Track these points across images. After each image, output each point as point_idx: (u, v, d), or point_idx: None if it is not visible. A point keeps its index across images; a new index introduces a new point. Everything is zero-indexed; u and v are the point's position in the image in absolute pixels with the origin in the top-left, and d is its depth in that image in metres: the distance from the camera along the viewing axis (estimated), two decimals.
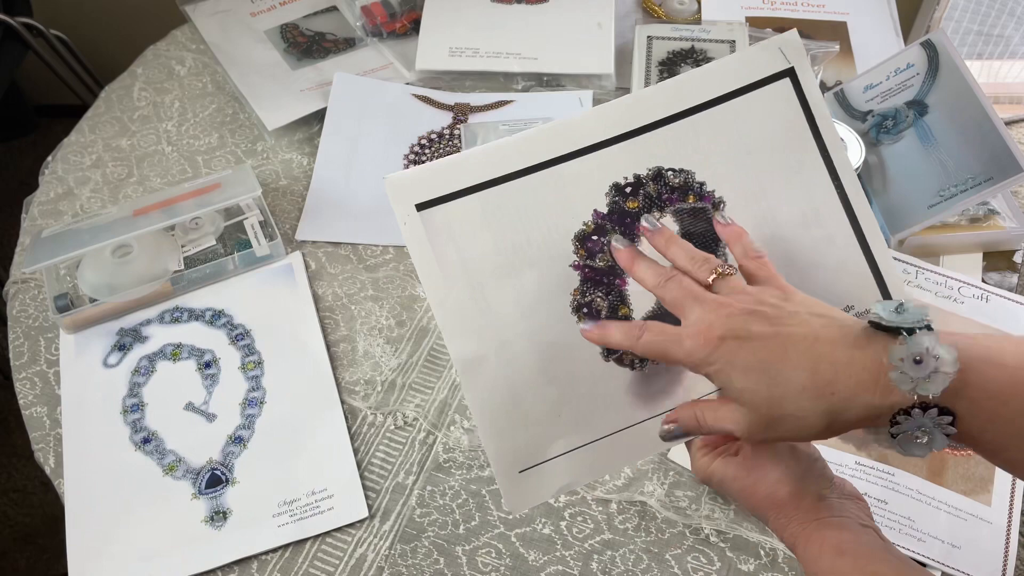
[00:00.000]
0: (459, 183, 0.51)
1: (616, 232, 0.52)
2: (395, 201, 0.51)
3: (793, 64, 0.53)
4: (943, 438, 0.40)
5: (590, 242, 0.52)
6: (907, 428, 0.40)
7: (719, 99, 0.52)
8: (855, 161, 0.80)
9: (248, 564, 0.65)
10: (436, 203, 0.51)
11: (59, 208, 0.88)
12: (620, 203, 0.52)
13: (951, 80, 0.79)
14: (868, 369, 0.40)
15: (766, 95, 0.52)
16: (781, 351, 0.42)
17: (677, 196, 0.52)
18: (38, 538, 1.40)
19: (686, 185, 0.53)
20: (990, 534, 0.64)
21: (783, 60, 0.53)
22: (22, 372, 0.76)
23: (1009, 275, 0.81)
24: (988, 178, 0.75)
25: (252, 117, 0.94)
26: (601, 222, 0.52)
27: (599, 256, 0.52)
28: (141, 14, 1.64)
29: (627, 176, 0.52)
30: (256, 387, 0.74)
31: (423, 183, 0.51)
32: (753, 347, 0.42)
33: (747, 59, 0.53)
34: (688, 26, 0.98)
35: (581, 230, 0.52)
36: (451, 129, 0.93)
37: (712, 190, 0.53)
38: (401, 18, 1.02)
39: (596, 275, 0.52)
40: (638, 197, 0.52)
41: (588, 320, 0.51)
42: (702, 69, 0.52)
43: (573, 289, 0.52)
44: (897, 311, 0.41)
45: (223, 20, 1.03)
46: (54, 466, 0.70)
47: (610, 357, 0.52)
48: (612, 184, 0.52)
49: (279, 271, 0.81)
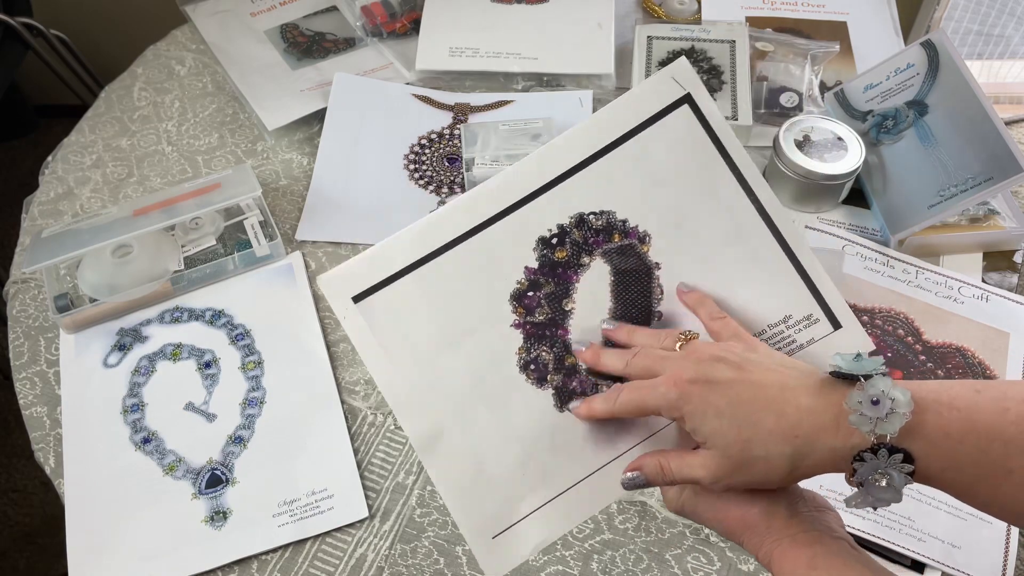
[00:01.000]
0: (391, 268, 0.53)
1: (550, 284, 0.54)
2: (332, 298, 0.53)
3: (689, 90, 0.54)
4: (903, 477, 0.42)
5: (526, 299, 0.53)
6: (866, 472, 0.42)
7: (625, 136, 0.54)
8: (855, 161, 0.80)
9: (248, 564, 0.65)
10: (372, 291, 0.53)
11: (59, 208, 0.88)
12: (549, 255, 0.54)
13: (951, 80, 0.79)
14: (830, 413, 0.43)
15: (669, 124, 0.54)
16: (750, 395, 0.44)
17: (602, 237, 0.54)
18: (38, 538, 1.40)
19: (609, 225, 0.54)
20: (990, 534, 0.64)
21: (678, 88, 0.54)
22: (22, 372, 0.76)
23: (1009, 275, 0.81)
24: (988, 178, 0.75)
25: (252, 117, 0.94)
26: (534, 277, 0.54)
27: (537, 311, 0.53)
28: (141, 14, 1.64)
29: (551, 228, 0.54)
30: (256, 387, 0.74)
31: (356, 276, 0.53)
32: (722, 390, 0.45)
33: (644, 93, 0.54)
34: (688, 26, 0.98)
35: (516, 289, 0.54)
36: (451, 129, 0.93)
37: (635, 225, 0.54)
38: (401, 18, 1.02)
39: (538, 330, 0.54)
40: (565, 246, 0.54)
41: (573, 400, 0.53)
42: (604, 110, 0.54)
43: (518, 348, 0.53)
44: (855, 360, 0.44)
45: (223, 20, 1.03)
46: (54, 466, 0.70)
47: (564, 407, 0.53)
48: (538, 238, 0.54)
49: (279, 271, 0.81)
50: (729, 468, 0.45)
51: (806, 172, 0.80)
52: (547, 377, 0.53)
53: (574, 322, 0.54)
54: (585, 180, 0.54)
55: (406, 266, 0.53)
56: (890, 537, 0.64)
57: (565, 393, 0.53)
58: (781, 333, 0.53)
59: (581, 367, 0.53)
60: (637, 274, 0.54)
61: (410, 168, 0.90)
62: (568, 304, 0.54)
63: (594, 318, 0.54)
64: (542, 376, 0.53)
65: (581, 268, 0.54)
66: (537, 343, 0.53)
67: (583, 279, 0.54)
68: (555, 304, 0.54)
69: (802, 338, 0.53)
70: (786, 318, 0.53)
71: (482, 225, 0.54)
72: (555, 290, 0.54)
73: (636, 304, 0.54)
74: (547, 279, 0.54)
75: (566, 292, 0.54)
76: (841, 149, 0.81)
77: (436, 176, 0.89)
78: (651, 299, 0.54)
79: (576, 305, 0.54)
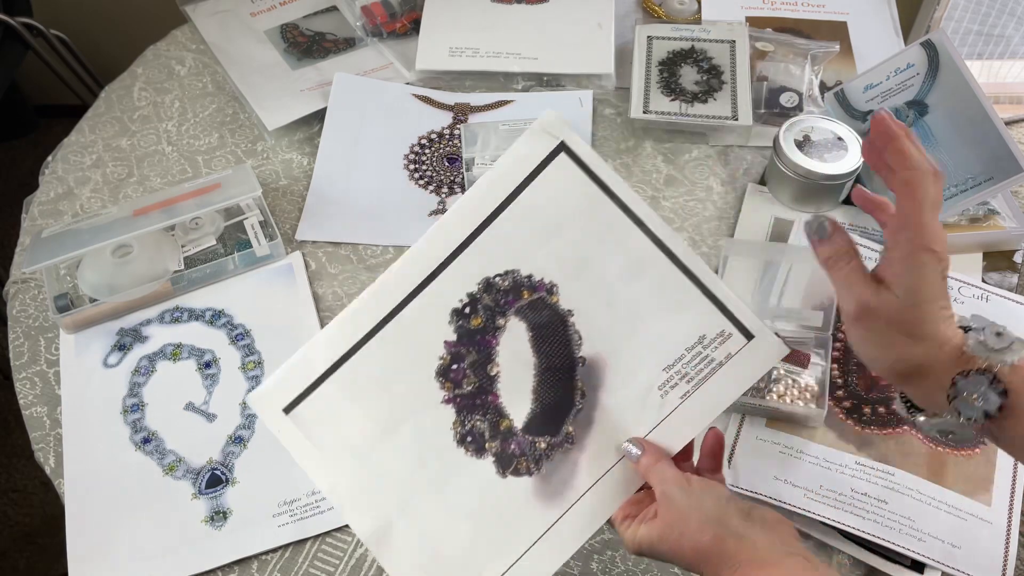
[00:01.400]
0: (314, 373, 0.55)
1: (472, 353, 0.55)
2: (263, 414, 0.55)
3: (562, 138, 0.55)
4: (995, 399, 0.44)
5: (452, 372, 0.55)
6: (968, 386, 0.44)
7: (512, 196, 0.55)
8: (855, 161, 0.80)
9: (248, 564, 0.65)
10: (300, 400, 0.55)
11: (59, 208, 0.88)
12: (465, 325, 0.55)
13: (951, 80, 0.79)
14: (951, 345, 0.46)
15: (550, 175, 0.55)
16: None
17: (512, 297, 0.55)
18: (38, 538, 1.40)
19: (516, 284, 0.55)
20: (990, 534, 0.64)
21: (551, 139, 0.55)
22: (22, 372, 0.76)
23: (1009, 275, 0.81)
24: (988, 178, 0.75)
25: (252, 117, 0.94)
26: (455, 350, 0.55)
27: (464, 382, 0.55)
28: (141, 14, 1.64)
29: (462, 298, 0.55)
30: (256, 387, 0.74)
31: (282, 388, 0.55)
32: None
33: (521, 152, 0.55)
34: (688, 26, 0.98)
35: (440, 365, 0.55)
36: (451, 129, 0.93)
37: (540, 278, 0.55)
38: (401, 18, 1.02)
39: (468, 401, 0.55)
40: (479, 312, 0.55)
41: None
42: (486, 176, 0.56)
43: (452, 423, 0.54)
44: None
45: (223, 20, 1.03)
46: (54, 466, 0.70)
47: (507, 472, 0.54)
48: (451, 311, 0.55)
49: (279, 271, 0.81)
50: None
51: (806, 172, 0.80)
52: (485, 446, 0.54)
53: (501, 385, 0.55)
54: (484, 245, 0.55)
55: (328, 368, 0.55)
56: (890, 537, 0.64)
57: (505, 458, 0.54)
58: (699, 354, 0.54)
59: (516, 428, 0.54)
60: (552, 325, 0.55)
61: (410, 168, 0.90)
62: (493, 369, 0.55)
63: (519, 377, 0.55)
64: (480, 447, 0.54)
65: (498, 331, 0.55)
66: (470, 414, 0.54)
67: (502, 341, 0.55)
68: (480, 371, 0.55)
69: (719, 355, 0.54)
70: (701, 338, 0.54)
71: (394, 311, 0.55)
72: (478, 358, 0.55)
73: (558, 354, 0.55)
74: (468, 349, 0.55)
75: (488, 357, 0.55)
76: (841, 149, 0.81)
77: (436, 176, 0.89)
78: (571, 346, 0.55)
79: (500, 368, 0.55)
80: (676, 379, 0.54)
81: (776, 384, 0.68)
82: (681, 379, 0.54)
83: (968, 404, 0.45)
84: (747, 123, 0.89)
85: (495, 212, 0.55)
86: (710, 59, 0.94)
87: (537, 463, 0.54)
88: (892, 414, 0.70)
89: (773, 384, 0.68)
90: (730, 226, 0.85)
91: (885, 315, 0.46)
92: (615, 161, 0.91)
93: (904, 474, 0.67)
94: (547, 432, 0.54)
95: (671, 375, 0.54)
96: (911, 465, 0.67)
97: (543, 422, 0.55)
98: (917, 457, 0.68)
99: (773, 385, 0.68)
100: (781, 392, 0.68)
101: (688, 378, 0.54)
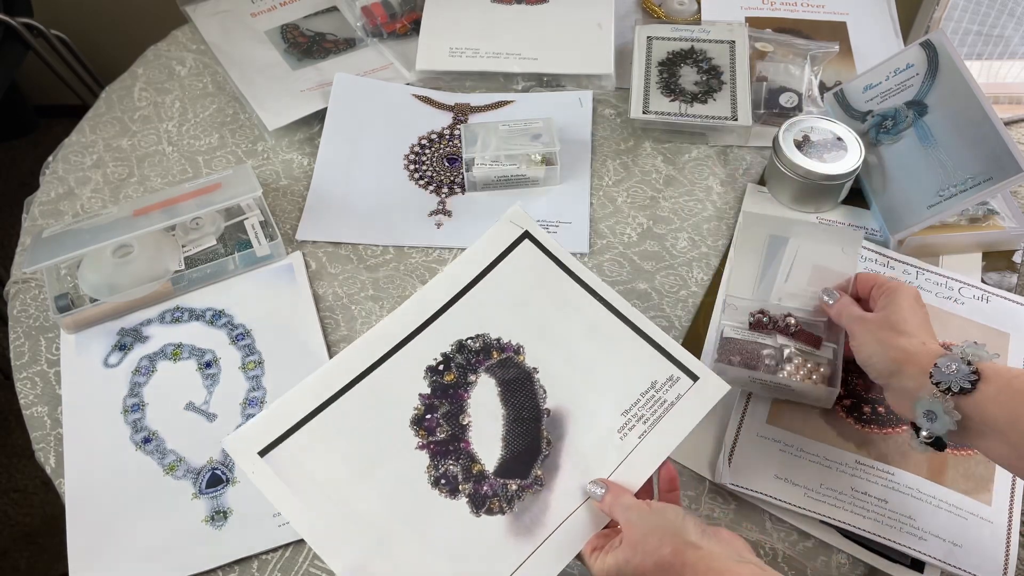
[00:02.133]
0: (292, 419, 0.59)
1: (445, 404, 0.61)
2: (238, 457, 0.58)
3: (526, 228, 0.66)
4: (968, 372, 0.55)
5: (426, 421, 0.60)
6: (943, 364, 0.56)
7: (483, 272, 0.65)
8: (855, 161, 0.80)
9: (248, 564, 0.65)
10: (276, 444, 0.58)
11: (60, 208, 0.88)
12: (439, 380, 0.62)
13: (951, 80, 0.79)
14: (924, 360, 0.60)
15: (517, 257, 0.66)
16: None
17: (483, 356, 0.63)
18: (38, 538, 1.40)
19: (487, 346, 0.63)
20: (991, 533, 0.64)
21: (517, 228, 0.66)
22: (23, 372, 0.76)
23: (1009, 275, 0.81)
24: (988, 178, 0.75)
25: (252, 117, 0.94)
26: (429, 401, 0.61)
27: (438, 430, 0.60)
28: (141, 14, 1.64)
29: (436, 357, 0.62)
30: (256, 387, 0.74)
31: (259, 432, 0.58)
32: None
33: (492, 238, 0.66)
34: (688, 26, 0.98)
35: (415, 414, 0.60)
36: (451, 129, 0.93)
37: (508, 340, 0.63)
38: (401, 18, 1.02)
39: (442, 447, 0.59)
40: (452, 370, 0.62)
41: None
42: (462, 256, 0.66)
43: (426, 467, 0.59)
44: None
45: (223, 20, 1.03)
46: (55, 466, 0.70)
47: (480, 511, 0.58)
48: (426, 367, 0.62)
49: (279, 271, 0.81)
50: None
51: (806, 172, 0.80)
52: (459, 488, 0.58)
53: (473, 433, 0.60)
54: (458, 313, 0.64)
55: (307, 414, 0.59)
56: (890, 535, 0.64)
57: (479, 498, 0.58)
58: (652, 397, 0.61)
59: (488, 472, 0.59)
60: (519, 381, 0.62)
61: (410, 168, 0.90)
62: (464, 419, 0.61)
63: (489, 426, 0.60)
64: (454, 488, 0.58)
65: (469, 385, 0.62)
66: (443, 459, 0.59)
67: (473, 394, 0.61)
68: (453, 421, 0.60)
69: (670, 396, 0.61)
70: (653, 383, 0.61)
71: (372, 367, 0.61)
72: (450, 409, 0.61)
73: (525, 406, 0.61)
74: (441, 401, 0.61)
75: (460, 409, 0.61)
76: (841, 149, 0.81)
77: (436, 176, 0.89)
78: (537, 399, 0.62)
79: (472, 418, 0.61)
80: (633, 421, 0.60)
81: (788, 363, 0.68)
82: (638, 421, 0.60)
83: (946, 375, 0.56)
84: (747, 123, 0.89)
85: (468, 285, 0.65)
86: (710, 59, 0.94)
87: (509, 503, 0.58)
88: (892, 413, 0.70)
89: (786, 363, 0.68)
90: (729, 226, 0.85)
91: (875, 321, 0.63)
92: (615, 161, 0.91)
93: (904, 473, 0.67)
94: (517, 475, 0.59)
95: (628, 418, 0.60)
96: (911, 464, 0.67)
97: (513, 467, 0.59)
98: (917, 456, 0.68)
99: (786, 364, 0.68)
100: (792, 371, 0.68)
101: (644, 419, 0.60)
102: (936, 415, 0.56)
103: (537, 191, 0.88)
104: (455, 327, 0.63)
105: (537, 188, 0.88)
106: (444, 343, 0.63)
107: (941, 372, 0.56)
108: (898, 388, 0.59)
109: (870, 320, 0.63)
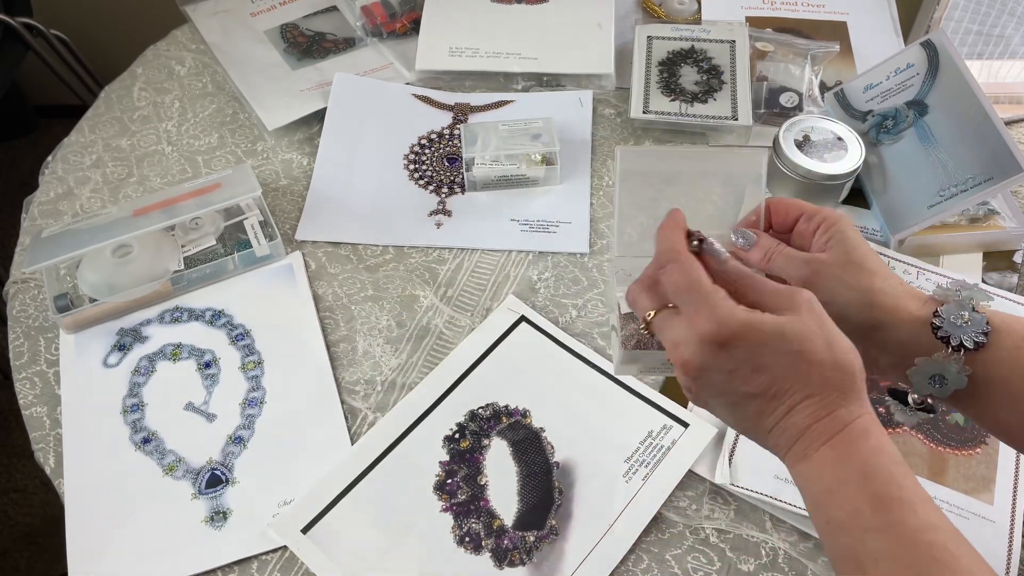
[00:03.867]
0: (328, 497, 0.66)
1: (463, 468, 0.67)
2: (282, 536, 0.64)
3: (522, 313, 0.77)
4: (982, 321, 0.45)
5: (447, 486, 0.67)
6: (948, 314, 0.45)
7: (487, 352, 0.74)
8: (855, 161, 0.80)
9: (248, 564, 0.65)
10: (317, 520, 0.65)
11: (59, 208, 0.88)
12: (456, 447, 0.69)
13: (951, 80, 0.79)
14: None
15: (516, 336, 0.75)
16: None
17: (494, 422, 0.70)
18: (38, 538, 1.40)
19: (496, 412, 0.71)
20: (993, 533, 0.64)
21: (514, 314, 0.77)
22: (22, 372, 0.76)
23: (1009, 275, 0.81)
24: (988, 178, 0.75)
25: (252, 117, 0.94)
26: (449, 467, 0.68)
27: (459, 492, 0.66)
28: (141, 14, 1.64)
29: (452, 427, 0.70)
30: (256, 387, 0.74)
31: (301, 512, 0.65)
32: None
33: (492, 324, 0.76)
34: (688, 26, 0.98)
35: (436, 480, 0.67)
36: (451, 129, 0.93)
37: (516, 406, 0.71)
38: (401, 18, 1.02)
39: (463, 508, 0.66)
40: (466, 437, 0.69)
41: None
42: (468, 340, 0.75)
43: (451, 528, 0.65)
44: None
45: (223, 20, 1.03)
46: (54, 466, 0.70)
47: (503, 564, 0.63)
48: (443, 437, 0.69)
49: (279, 271, 0.81)
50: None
51: (806, 172, 0.80)
52: (482, 544, 0.64)
53: (491, 491, 0.66)
54: (467, 387, 0.72)
55: (341, 491, 0.66)
56: None
57: (500, 552, 0.63)
58: (651, 444, 0.69)
59: (508, 526, 0.64)
60: (529, 440, 0.69)
61: (410, 168, 0.90)
62: (482, 479, 0.67)
63: (505, 483, 0.67)
64: (477, 545, 0.64)
65: (484, 449, 0.69)
66: (466, 518, 0.65)
67: (488, 456, 0.68)
68: (471, 482, 0.67)
69: (666, 442, 0.69)
70: (650, 432, 0.69)
71: (394, 443, 0.69)
72: (468, 471, 0.67)
73: (536, 461, 0.68)
74: (459, 465, 0.68)
75: (478, 470, 0.67)
76: (841, 149, 0.81)
77: (436, 176, 0.89)
78: (546, 454, 0.68)
79: (488, 478, 0.67)
80: (636, 466, 0.67)
81: None
82: (640, 465, 0.67)
83: (955, 325, 0.45)
84: (747, 123, 0.89)
85: (475, 363, 0.73)
86: (710, 59, 0.94)
87: (528, 554, 0.63)
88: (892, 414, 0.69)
89: None
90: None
91: (828, 266, 0.48)
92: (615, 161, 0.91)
93: None
94: (534, 527, 0.64)
95: (631, 464, 0.68)
96: (912, 465, 0.67)
97: (529, 519, 0.65)
98: (918, 457, 0.68)
99: None
100: None
101: (645, 463, 0.68)
102: (947, 379, 0.45)
103: (537, 191, 0.88)
104: (466, 399, 0.71)
105: (537, 188, 0.88)
106: (458, 414, 0.70)
107: (948, 323, 0.44)
108: (884, 343, 0.47)
109: (827, 262, 0.48)
